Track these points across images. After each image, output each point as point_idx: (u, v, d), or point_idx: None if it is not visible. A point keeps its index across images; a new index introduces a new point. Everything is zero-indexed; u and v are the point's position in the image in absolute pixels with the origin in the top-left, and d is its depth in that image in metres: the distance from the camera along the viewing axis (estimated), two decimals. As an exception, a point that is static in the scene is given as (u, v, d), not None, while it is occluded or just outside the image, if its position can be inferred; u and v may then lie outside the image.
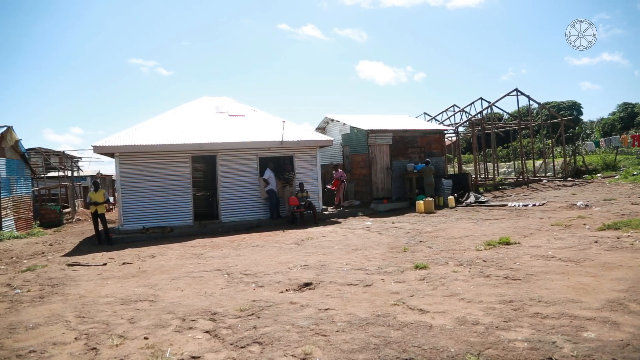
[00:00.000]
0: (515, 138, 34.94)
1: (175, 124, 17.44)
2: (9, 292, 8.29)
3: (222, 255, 10.69)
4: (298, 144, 17.06)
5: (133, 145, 15.22)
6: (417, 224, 14.05)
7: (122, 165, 15.35)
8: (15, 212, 18.83)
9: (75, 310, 6.70)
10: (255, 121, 18.56)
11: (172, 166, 15.81)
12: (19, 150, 19.68)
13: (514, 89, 25.66)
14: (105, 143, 15.23)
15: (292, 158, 17.32)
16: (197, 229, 15.38)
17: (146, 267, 9.84)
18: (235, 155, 16.53)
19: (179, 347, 4.88)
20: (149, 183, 15.50)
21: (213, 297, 6.90)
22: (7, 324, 6.23)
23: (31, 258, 12.46)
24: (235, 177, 16.52)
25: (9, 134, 18.48)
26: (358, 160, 20.66)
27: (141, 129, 16.65)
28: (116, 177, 15.83)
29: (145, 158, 15.56)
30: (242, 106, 20.24)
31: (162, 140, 15.70)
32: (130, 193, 15.36)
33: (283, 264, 9.06)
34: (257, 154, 16.77)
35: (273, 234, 13.81)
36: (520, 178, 26.29)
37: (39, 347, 5.22)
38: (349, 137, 21.43)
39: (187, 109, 19.39)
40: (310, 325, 5.28)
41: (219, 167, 16.40)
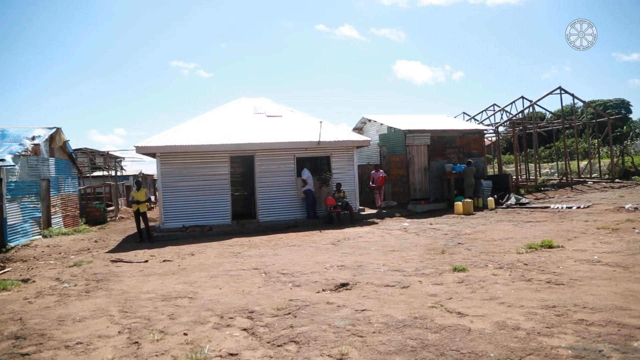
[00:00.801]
0: (558, 138, 33.88)
1: (214, 124, 17.76)
2: (58, 286, 8.66)
3: (260, 254, 10.82)
4: (335, 144, 17.07)
5: (173, 145, 15.60)
6: (456, 225, 13.82)
7: (163, 165, 15.75)
8: (63, 209, 19.62)
9: (118, 305, 6.93)
10: (293, 121, 18.68)
11: (211, 166, 16.10)
12: (67, 150, 20.48)
13: (557, 87, 24.92)
14: (147, 144, 15.66)
15: (329, 158, 17.34)
16: (235, 228, 15.61)
17: (186, 264, 10.07)
18: (273, 156, 16.69)
19: (217, 344, 4.97)
20: (188, 183, 15.84)
21: (250, 295, 6.99)
22: (57, 316, 6.50)
23: (78, 254, 12.96)
24: (272, 177, 16.68)
25: (58, 135, 19.26)
26: (395, 160, 20.49)
27: (181, 130, 17.03)
28: (157, 177, 16.26)
29: (185, 158, 15.91)
30: (280, 107, 20.41)
31: (202, 141, 16.01)
32: (170, 192, 15.75)
33: (320, 264, 9.08)
34: (295, 154, 16.88)
35: (310, 233, 13.87)
36: (564, 179, 25.48)
37: (85, 339, 5.43)
38: (386, 137, 21.28)
39: (226, 109, 19.70)
40: (346, 325, 5.28)
41: (256, 167, 16.59)
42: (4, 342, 5.56)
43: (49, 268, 10.91)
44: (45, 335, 5.66)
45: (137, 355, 4.80)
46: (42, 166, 17.78)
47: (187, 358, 4.61)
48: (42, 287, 8.72)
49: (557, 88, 24.89)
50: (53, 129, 18.83)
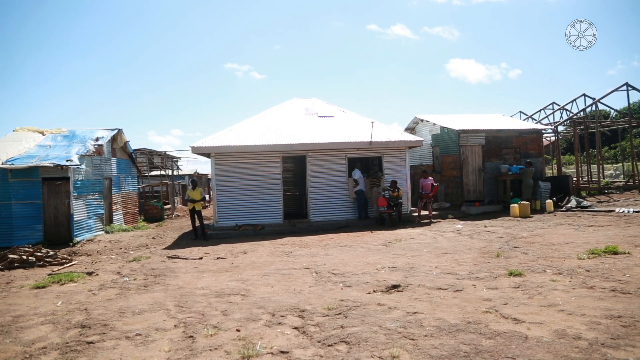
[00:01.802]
0: (624, 137, 32.06)
1: (267, 125, 18.04)
2: (119, 280, 9.07)
3: (311, 254, 10.89)
4: (387, 144, 16.94)
5: (227, 146, 15.98)
6: (512, 228, 13.38)
7: (217, 165, 16.16)
8: (123, 207, 20.53)
9: (174, 299, 7.17)
10: (344, 122, 18.68)
11: (263, 166, 16.37)
12: (127, 150, 21.42)
13: (623, 84, 23.59)
14: (202, 144, 16.13)
15: (381, 159, 17.22)
16: (286, 228, 15.79)
17: (239, 262, 10.29)
18: (325, 156, 16.76)
19: (268, 341, 5.05)
20: (242, 182, 16.18)
21: (302, 294, 7.06)
22: (118, 308, 6.82)
23: (137, 249, 13.52)
24: (324, 177, 16.75)
25: (119, 136, 20.18)
26: (448, 161, 20.08)
27: (235, 130, 17.42)
28: (212, 176, 16.70)
29: (239, 158, 16.26)
30: (331, 107, 20.46)
31: (255, 141, 16.31)
32: (224, 191, 16.14)
33: (371, 265, 9.04)
34: (346, 154, 16.88)
35: (361, 234, 13.83)
36: (630, 181, 24.09)
37: (144, 331, 5.66)
38: (439, 137, 20.90)
39: (278, 110, 19.96)
40: (397, 327, 5.22)
41: (308, 167, 16.72)
42: (72, 329, 5.90)
43: (110, 262, 11.45)
44: (107, 325, 5.94)
45: (192, 348, 4.96)
46: (105, 165, 18.67)
47: (239, 354, 4.71)
48: (105, 280, 9.17)
49: (623, 84, 23.56)
50: (115, 130, 19.75)
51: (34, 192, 15.57)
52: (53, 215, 15.64)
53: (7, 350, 5.32)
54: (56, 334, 5.80)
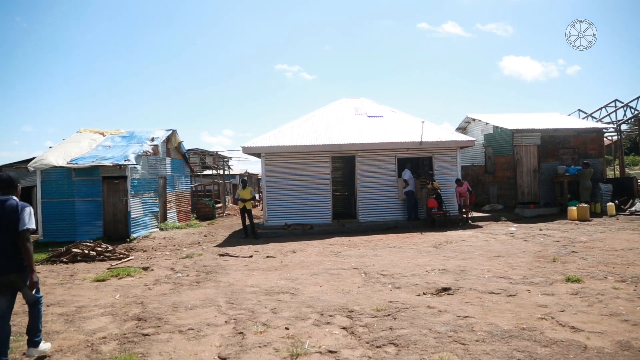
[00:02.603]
0: (695, 137, 30.04)
1: (316, 125, 18.14)
2: (172, 275, 9.38)
3: (360, 254, 10.86)
4: (437, 144, 16.64)
5: (277, 146, 16.19)
6: (569, 232, 12.82)
7: (267, 164, 16.41)
8: (177, 205, 21.21)
9: (225, 296, 7.34)
10: (394, 122, 18.51)
11: (312, 166, 16.48)
12: (181, 151, 22.12)
13: (695, 80, 22.06)
14: (252, 144, 16.42)
15: (431, 159, 16.94)
16: (335, 228, 15.82)
17: (288, 261, 10.40)
18: (374, 156, 16.67)
19: (317, 340, 5.08)
20: (291, 182, 16.34)
21: (350, 294, 7.05)
22: (171, 302, 7.06)
23: (189, 247, 13.93)
24: (373, 177, 16.66)
25: (173, 136, 20.87)
26: (502, 161, 19.49)
27: (285, 131, 17.62)
28: (262, 176, 16.96)
29: (288, 158, 16.43)
30: (381, 107, 20.32)
31: (304, 141, 16.44)
32: (274, 191, 16.36)
33: (420, 267, 8.91)
34: (396, 154, 16.72)
35: (410, 235, 13.66)
36: (702, 184, 22.53)
37: (196, 325, 5.83)
38: (491, 137, 20.33)
39: (327, 110, 20.02)
40: (448, 331, 5.13)
41: (357, 168, 16.68)
42: (129, 321, 6.17)
43: (164, 258, 11.85)
44: (162, 319, 6.16)
45: (241, 345, 5.06)
46: (160, 165, 19.35)
47: (288, 352, 4.76)
48: (159, 275, 9.50)
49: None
50: (169, 131, 20.44)
51: (95, 190, 16.37)
52: (112, 212, 16.37)
53: (72, 338, 5.63)
54: (115, 325, 6.07)
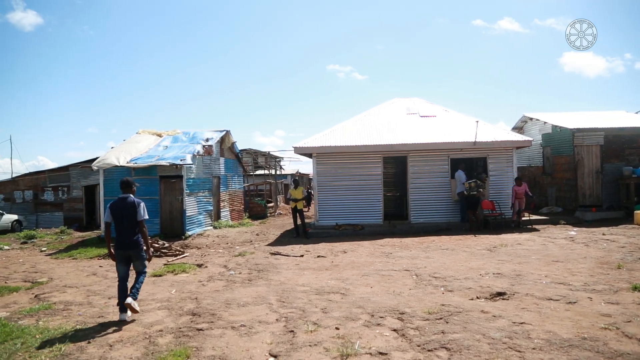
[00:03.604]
0: None
1: (368, 125, 18.06)
2: (225, 273, 9.60)
3: (411, 256, 10.71)
4: (492, 144, 16.15)
5: (329, 146, 16.24)
6: (636, 237, 12.10)
7: (318, 164, 16.48)
8: (230, 204, 21.70)
9: (276, 294, 7.43)
10: (447, 121, 18.13)
11: (364, 166, 16.41)
12: (234, 151, 22.62)
13: None
14: (304, 144, 16.55)
15: (486, 159, 16.47)
16: (386, 228, 15.69)
17: (338, 261, 10.40)
18: (426, 156, 16.40)
19: (367, 341, 5.05)
20: (342, 182, 16.34)
21: (401, 296, 6.97)
22: (224, 299, 7.23)
23: (242, 245, 14.21)
24: (425, 178, 16.39)
25: (227, 137, 21.37)
26: (561, 162, 18.69)
27: (336, 131, 17.64)
28: (313, 176, 17.06)
29: (340, 158, 16.44)
30: (434, 106, 19.97)
31: (355, 141, 16.40)
32: (325, 191, 16.42)
33: (474, 270, 8.68)
34: (449, 155, 16.38)
35: (463, 237, 13.34)
36: None
37: (248, 322, 5.94)
38: (550, 137, 19.53)
39: (379, 110, 19.90)
40: (502, 337, 4.96)
41: (409, 168, 16.47)
42: (184, 316, 6.37)
43: (218, 256, 12.15)
44: (215, 315, 6.32)
45: (292, 343, 5.10)
46: (214, 165, 19.86)
47: (338, 352, 4.76)
48: (213, 272, 9.75)
49: None
50: (223, 132, 20.94)
51: (153, 188, 17.00)
52: (168, 211, 16.95)
53: (131, 329, 5.88)
54: (171, 319, 6.29)
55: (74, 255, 13.52)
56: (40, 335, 5.72)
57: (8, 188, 26.73)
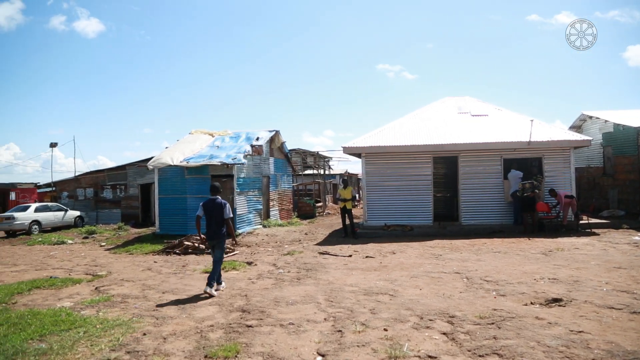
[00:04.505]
0: None
1: (418, 125, 17.82)
2: (274, 271, 9.73)
3: (461, 258, 10.48)
4: (548, 144, 15.54)
5: (378, 146, 16.13)
6: None
7: (367, 164, 16.41)
8: (279, 203, 21.97)
9: (324, 294, 7.46)
10: (500, 120, 17.61)
11: (413, 166, 16.19)
12: (283, 151, 22.88)
13: None
14: (353, 144, 16.52)
15: (541, 160, 15.87)
16: (436, 230, 15.42)
17: (387, 262, 10.31)
18: (478, 156, 15.99)
19: (416, 344, 4.98)
20: (391, 182, 16.19)
21: (451, 299, 6.82)
22: (273, 297, 7.32)
23: (290, 244, 14.35)
24: (477, 178, 15.99)
25: (276, 137, 21.64)
26: (624, 162, 17.75)
27: (385, 131, 17.51)
28: (362, 176, 17.00)
29: (389, 158, 16.30)
30: (486, 105, 19.45)
31: (405, 141, 16.22)
32: (374, 191, 16.32)
33: (528, 275, 8.38)
34: (502, 155, 15.89)
35: (517, 240, 12.91)
36: None
37: (296, 321, 5.98)
38: (611, 136, 18.59)
39: (429, 110, 19.59)
40: (559, 346, 4.76)
41: (460, 168, 16.11)
42: (234, 312, 6.50)
43: (267, 254, 12.33)
44: (264, 312, 6.41)
45: (340, 342, 5.10)
46: (264, 164, 20.16)
47: (386, 353, 4.71)
48: (262, 270, 9.90)
49: None
50: (273, 132, 21.22)
51: (205, 187, 17.41)
52: (220, 209, 17.33)
53: (184, 324, 6.06)
54: (221, 315, 6.43)
55: (130, 251, 14.10)
56: (100, 325, 6.00)
57: (71, 186, 28.22)
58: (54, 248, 16.26)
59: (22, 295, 8.26)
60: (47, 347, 5.24)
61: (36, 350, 5.14)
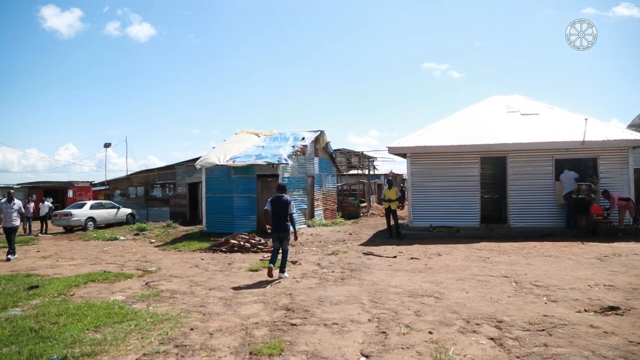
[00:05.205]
0: None
1: (465, 124, 17.45)
2: (319, 271, 9.76)
3: (510, 261, 10.18)
4: (604, 144, 14.84)
5: (423, 146, 15.90)
6: None
7: (413, 165, 16.21)
8: (324, 203, 22.02)
9: (368, 294, 7.41)
10: (551, 119, 16.98)
11: (460, 167, 15.87)
12: (328, 151, 22.93)
13: None
14: (398, 144, 16.35)
15: (596, 160, 15.18)
16: (483, 232, 15.05)
17: (432, 264, 10.15)
18: (528, 157, 15.48)
19: (462, 348, 4.87)
20: (437, 183, 15.93)
21: (499, 304, 6.64)
22: (317, 296, 7.35)
23: (335, 244, 14.36)
24: (526, 179, 15.47)
25: (321, 137, 21.71)
26: (688, 164, 16.73)
27: (431, 130, 17.25)
28: (407, 176, 16.81)
29: (435, 158, 16.04)
30: (536, 104, 18.80)
31: (451, 141, 15.92)
32: (419, 192, 16.10)
33: (581, 280, 8.04)
34: (553, 155, 15.32)
35: (569, 244, 12.41)
36: None
37: (340, 321, 5.98)
38: (675, 136, 17.56)
39: (476, 109, 19.15)
40: (616, 357, 4.54)
41: (509, 169, 15.65)
42: (279, 311, 6.57)
43: (311, 254, 12.38)
44: (308, 311, 6.44)
45: (384, 344, 5.06)
46: (308, 164, 20.27)
47: (431, 357, 4.64)
48: (306, 269, 9.95)
49: None
50: (317, 132, 21.30)
51: (250, 186, 17.75)
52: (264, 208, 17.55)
53: (229, 320, 6.18)
54: (266, 312, 6.51)
55: (178, 248, 14.51)
56: (150, 319, 6.21)
57: (123, 185, 29.35)
58: (107, 244, 16.95)
59: (78, 287, 8.67)
60: (101, 337, 5.48)
61: (92, 340, 5.39)
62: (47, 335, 5.57)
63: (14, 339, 5.48)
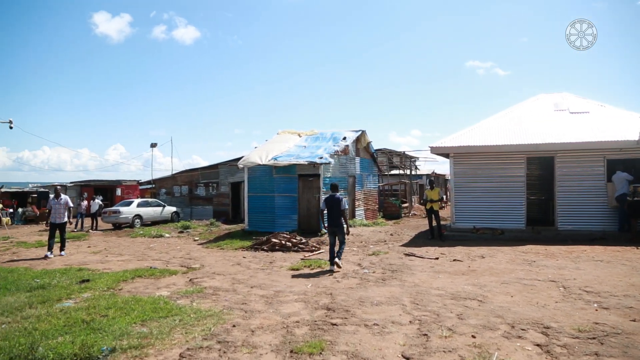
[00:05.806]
0: None
1: (510, 123, 16.96)
2: (359, 271, 9.73)
3: (558, 265, 9.83)
4: (661, 144, 14.10)
5: (467, 146, 15.58)
6: None
7: (456, 165, 15.90)
8: (365, 203, 21.93)
9: (410, 296, 7.33)
10: (603, 118, 16.27)
11: (505, 167, 15.45)
12: (369, 150, 22.81)
13: None
14: (441, 144, 16.08)
15: (652, 161, 14.45)
16: (528, 234, 14.59)
17: (476, 266, 9.93)
18: (577, 157, 14.89)
19: (506, 354, 4.75)
20: (481, 184, 15.57)
21: (546, 309, 6.42)
22: (358, 296, 7.33)
23: (376, 244, 14.27)
24: (576, 181, 14.89)
25: (362, 137, 21.63)
26: None
27: (475, 130, 16.87)
28: (450, 177, 16.51)
29: (479, 159, 15.69)
30: (586, 101, 18.06)
31: (496, 141, 15.52)
32: (462, 193, 15.79)
33: (636, 287, 7.67)
34: (605, 155, 14.68)
35: (622, 249, 11.86)
36: None
37: (381, 322, 5.94)
38: None
39: (522, 108, 18.58)
40: (673, 366, 4.31)
41: (557, 170, 15.11)
42: (319, 310, 6.59)
43: (352, 254, 12.35)
44: (349, 311, 6.43)
45: (425, 346, 4.99)
46: (350, 164, 20.22)
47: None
48: (347, 269, 9.93)
49: None
50: (359, 132, 21.23)
51: (292, 186, 17.86)
52: (306, 208, 17.66)
53: (270, 318, 6.24)
54: (307, 311, 6.54)
55: (221, 246, 14.79)
56: (194, 315, 6.36)
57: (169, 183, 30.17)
58: (153, 241, 17.47)
59: (126, 282, 8.98)
60: (147, 331, 5.66)
61: (139, 333, 5.58)
62: (97, 327, 5.81)
63: (68, 329, 5.76)
